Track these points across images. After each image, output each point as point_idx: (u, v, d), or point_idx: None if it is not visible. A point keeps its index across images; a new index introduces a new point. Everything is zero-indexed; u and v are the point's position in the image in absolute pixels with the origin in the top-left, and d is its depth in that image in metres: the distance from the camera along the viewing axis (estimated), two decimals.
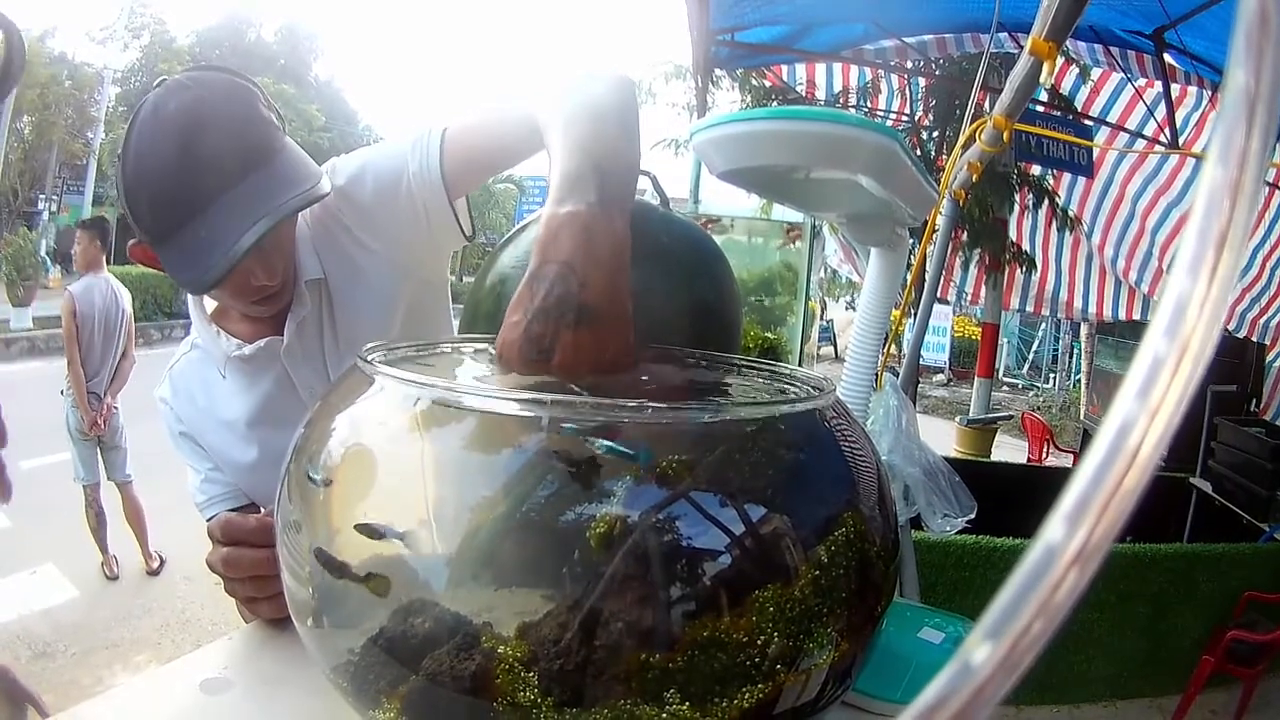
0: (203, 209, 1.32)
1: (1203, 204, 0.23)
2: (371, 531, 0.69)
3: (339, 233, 1.63)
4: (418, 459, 0.73)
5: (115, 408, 6.18)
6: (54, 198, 27.96)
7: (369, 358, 0.80)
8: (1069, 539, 0.22)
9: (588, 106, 1.16)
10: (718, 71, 7.04)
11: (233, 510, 1.66)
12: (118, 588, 5.90)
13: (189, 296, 1.67)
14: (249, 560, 1.17)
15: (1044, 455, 10.39)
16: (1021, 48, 2.38)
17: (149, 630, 5.47)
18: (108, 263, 6.56)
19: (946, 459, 1.77)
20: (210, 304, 1.71)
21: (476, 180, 1.64)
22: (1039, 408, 17.29)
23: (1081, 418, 11.32)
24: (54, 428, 6.16)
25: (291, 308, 1.60)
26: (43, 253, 21.71)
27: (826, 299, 20.65)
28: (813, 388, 0.93)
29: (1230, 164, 0.23)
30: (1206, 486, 6.41)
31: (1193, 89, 6.55)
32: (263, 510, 1.34)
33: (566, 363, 0.85)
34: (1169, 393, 0.23)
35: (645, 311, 1.11)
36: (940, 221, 3.04)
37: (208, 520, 1.66)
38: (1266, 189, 8.21)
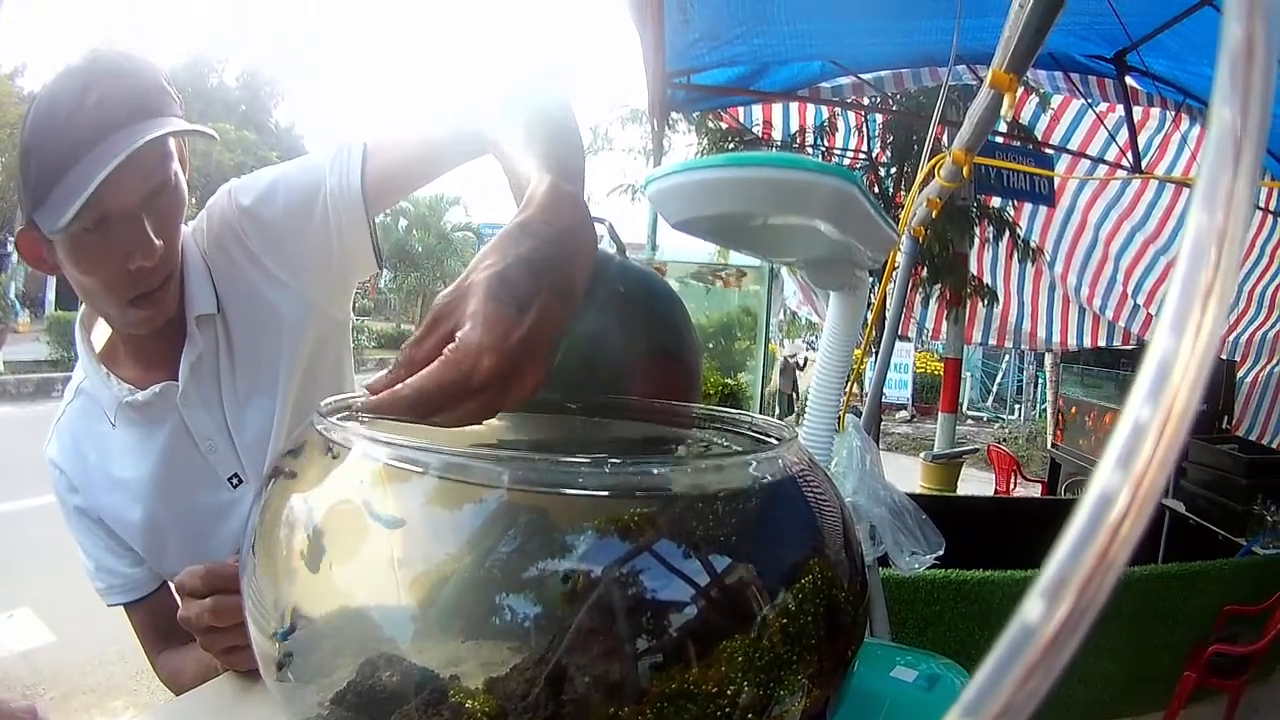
0: (81, 156, 1.29)
1: (1188, 254, 0.23)
2: None
3: (241, 258, 1.56)
4: (378, 514, 0.73)
5: None
6: None
7: (325, 413, 0.80)
8: (1048, 618, 0.22)
9: (550, 119, 1.18)
10: (674, 115, 7.07)
11: (136, 600, 1.61)
12: (93, 633, 5.84)
13: (76, 334, 1.63)
14: (238, 606, 1.16)
15: (1011, 486, 10.42)
16: (980, 79, 2.39)
17: (124, 677, 5.46)
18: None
19: (912, 495, 1.77)
20: (99, 340, 1.64)
21: (397, 194, 1.58)
22: (1005, 439, 17.36)
23: (1049, 447, 11.36)
24: (28, 471, 6.11)
25: (185, 347, 1.53)
26: (12, 295, 21.57)
27: (785, 340, 20.58)
28: (774, 437, 0.93)
29: (1217, 209, 0.22)
30: (1180, 506, 6.44)
31: (1155, 110, 6.59)
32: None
33: (540, 323, 0.77)
34: (1153, 460, 0.22)
35: (603, 361, 1.11)
36: (900, 260, 3.04)
37: (109, 605, 1.63)
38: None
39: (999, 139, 6.65)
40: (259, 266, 1.56)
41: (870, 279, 1.55)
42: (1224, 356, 9.25)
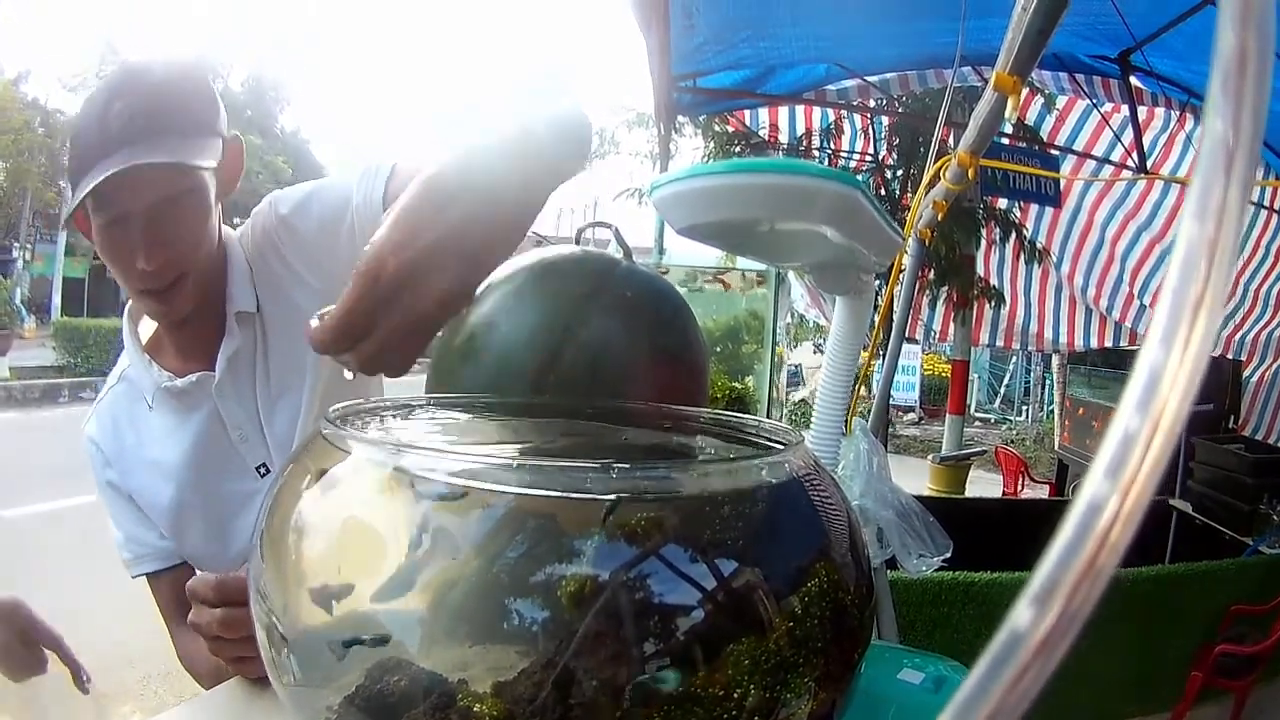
0: (98, 160, 1.36)
1: (1179, 266, 0.22)
2: None
3: (278, 265, 1.64)
4: (386, 520, 0.73)
5: None
6: (27, 246, 27.81)
7: (333, 419, 0.80)
8: (1036, 625, 0.22)
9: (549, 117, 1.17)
10: (680, 118, 7.04)
11: (163, 570, 1.67)
12: (100, 638, 5.86)
13: (124, 325, 1.71)
14: (247, 619, 1.16)
15: (1019, 488, 10.40)
16: (985, 81, 2.38)
17: (132, 682, 5.49)
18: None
19: (920, 497, 1.77)
20: (145, 332, 1.73)
21: None
22: (1012, 441, 17.31)
23: (1056, 448, 11.32)
24: (34, 476, 6.13)
25: (223, 340, 1.61)
26: (17, 301, 21.64)
27: (794, 342, 20.45)
28: (780, 441, 0.93)
29: (1208, 220, 0.22)
30: (1186, 506, 6.42)
31: (1160, 110, 6.54)
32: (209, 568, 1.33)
33: (462, 224, 0.78)
34: (1141, 470, 0.22)
35: (610, 366, 1.11)
36: (906, 262, 3.04)
37: (134, 576, 1.70)
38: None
39: (1004, 140, 6.62)
40: (293, 273, 1.64)
41: (876, 282, 1.55)
42: (1230, 356, 9.22)
